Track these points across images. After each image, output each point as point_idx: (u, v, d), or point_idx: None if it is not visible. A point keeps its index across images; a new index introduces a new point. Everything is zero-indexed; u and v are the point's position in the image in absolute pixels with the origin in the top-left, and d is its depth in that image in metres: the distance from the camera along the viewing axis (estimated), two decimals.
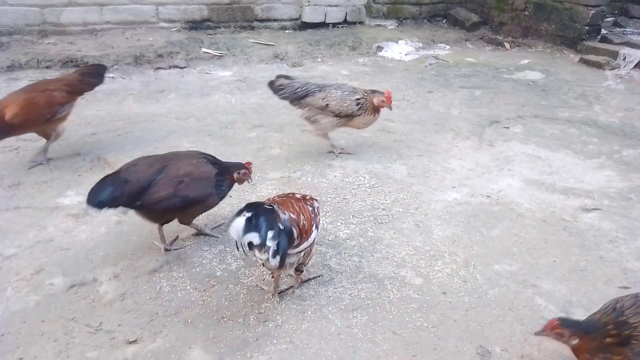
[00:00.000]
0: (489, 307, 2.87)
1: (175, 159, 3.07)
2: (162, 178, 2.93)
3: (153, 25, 7.94)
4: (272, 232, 2.32)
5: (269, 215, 2.37)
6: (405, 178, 4.27)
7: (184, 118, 5.30)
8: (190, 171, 3.00)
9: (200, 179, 3.02)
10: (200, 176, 3.02)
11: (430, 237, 3.49)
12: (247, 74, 6.83)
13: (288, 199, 2.70)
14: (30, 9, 7.12)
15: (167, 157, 3.11)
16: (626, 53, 7.62)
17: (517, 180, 4.30)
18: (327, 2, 8.82)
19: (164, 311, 2.75)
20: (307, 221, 2.60)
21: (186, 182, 2.96)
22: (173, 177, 2.95)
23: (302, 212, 2.60)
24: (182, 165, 3.02)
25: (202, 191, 3.03)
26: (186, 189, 2.95)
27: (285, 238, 2.40)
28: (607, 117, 5.82)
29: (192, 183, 2.98)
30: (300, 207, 2.62)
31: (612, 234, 3.60)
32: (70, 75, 4.39)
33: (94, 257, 3.14)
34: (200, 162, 3.09)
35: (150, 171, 2.95)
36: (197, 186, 3.00)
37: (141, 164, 3.01)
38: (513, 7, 9.37)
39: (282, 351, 2.52)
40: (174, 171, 2.97)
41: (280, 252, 2.36)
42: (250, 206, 2.37)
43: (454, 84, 6.77)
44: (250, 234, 2.28)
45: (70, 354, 2.46)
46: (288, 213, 2.51)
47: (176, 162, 3.04)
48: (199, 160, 3.10)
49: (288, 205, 2.59)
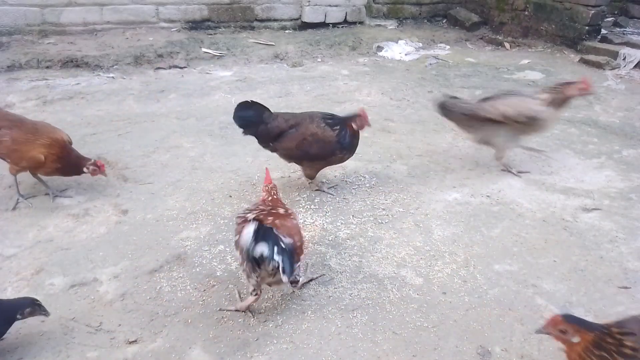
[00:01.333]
0: (489, 307, 2.87)
1: (309, 120, 3.68)
2: (292, 133, 3.63)
3: (153, 25, 7.93)
4: (277, 248, 2.36)
5: (271, 232, 2.41)
6: (405, 178, 4.27)
7: (184, 118, 5.30)
8: (315, 132, 3.62)
9: (322, 140, 3.61)
10: (322, 138, 3.61)
11: (430, 237, 3.48)
12: (247, 74, 6.83)
13: (280, 220, 2.62)
14: (30, 9, 7.12)
15: (302, 117, 3.74)
16: (626, 53, 7.61)
17: (518, 180, 4.30)
18: (327, 2, 8.82)
19: (164, 311, 2.75)
20: (300, 242, 2.63)
21: (309, 141, 3.61)
22: (300, 134, 3.61)
23: (295, 234, 2.61)
24: (311, 126, 3.63)
25: (322, 150, 3.64)
26: (309, 147, 3.62)
27: (287, 257, 2.40)
28: (608, 117, 5.82)
29: (314, 143, 3.61)
30: (292, 225, 2.64)
31: (612, 234, 3.60)
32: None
33: (94, 257, 3.14)
34: (326, 127, 3.63)
35: (285, 125, 3.65)
36: (318, 145, 3.62)
37: (280, 118, 3.70)
38: (513, 7, 9.37)
39: (282, 351, 2.52)
40: (302, 129, 3.62)
41: (287, 269, 2.37)
42: (258, 233, 2.38)
43: (454, 84, 6.77)
44: (261, 244, 2.34)
45: (70, 354, 2.46)
46: (287, 237, 2.51)
47: (308, 122, 3.65)
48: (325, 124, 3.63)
49: (283, 230, 2.55)
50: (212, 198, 3.84)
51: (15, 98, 5.44)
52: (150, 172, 4.17)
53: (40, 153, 3.40)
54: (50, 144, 3.45)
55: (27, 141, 3.41)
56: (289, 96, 6.10)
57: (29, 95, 5.57)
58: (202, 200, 3.80)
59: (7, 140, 3.40)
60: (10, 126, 3.46)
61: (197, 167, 4.30)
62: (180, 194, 3.88)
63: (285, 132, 3.66)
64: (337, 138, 3.63)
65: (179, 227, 3.48)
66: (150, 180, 4.04)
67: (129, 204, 3.71)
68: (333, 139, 3.63)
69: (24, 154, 3.41)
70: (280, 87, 6.36)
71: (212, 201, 3.80)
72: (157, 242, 3.31)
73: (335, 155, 3.72)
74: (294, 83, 6.52)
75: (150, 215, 3.60)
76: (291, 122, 3.68)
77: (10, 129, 3.44)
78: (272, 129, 3.68)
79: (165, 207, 3.71)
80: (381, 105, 5.91)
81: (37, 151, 3.40)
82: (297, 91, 6.28)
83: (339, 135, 3.64)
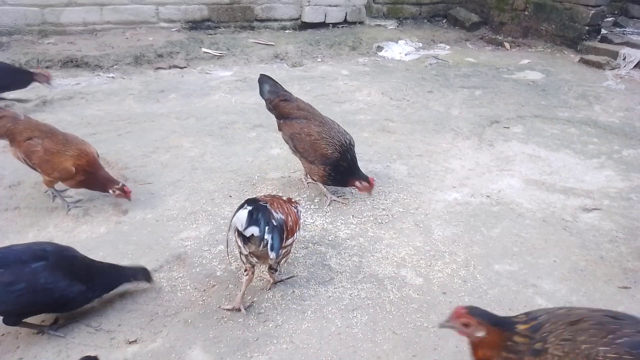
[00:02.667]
0: (489, 307, 2.85)
1: (319, 117, 3.76)
2: (299, 121, 3.72)
3: (153, 25, 7.93)
4: (268, 227, 2.45)
5: (265, 211, 2.51)
6: (405, 178, 4.27)
7: (184, 118, 5.30)
8: (312, 135, 3.63)
9: (314, 148, 3.63)
10: (315, 147, 3.62)
11: (430, 237, 3.48)
12: (247, 74, 6.82)
13: (276, 199, 2.77)
14: (30, 9, 7.12)
15: (318, 116, 3.79)
16: (626, 53, 7.61)
17: (518, 180, 4.30)
18: (327, 2, 8.82)
19: (164, 311, 2.75)
20: (293, 223, 2.72)
21: (300, 138, 3.67)
22: (299, 127, 3.70)
23: (290, 214, 2.72)
24: (314, 125, 3.67)
25: (307, 154, 3.67)
26: (298, 142, 3.69)
27: (277, 234, 2.50)
28: (607, 117, 5.82)
29: (304, 142, 3.66)
30: (288, 209, 2.73)
31: (612, 234, 3.60)
32: None
33: (94, 257, 3.13)
34: (331, 143, 3.62)
35: (297, 113, 3.75)
36: (303, 146, 3.67)
37: (300, 103, 3.83)
38: (513, 7, 9.37)
39: (282, 351, 2.52)
40: (305, 124, 3.69)
41: (276, 246, 2.47)
42: (250, 201, 2.54)
43: (454, 84, 6.77)
44: (252, 227, 2.43)
45: (70, 354, 2.46)
46: (279, 213, 2.62)
47: (315, 122, 3.70)
48: (335, 143, 3.62)
49: (277, 206, 2.67)
50: (212, 198, 3.84)
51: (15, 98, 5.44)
52: (150, 172, 4.17)
53: (72, 165, 3.40)
54: (79, 154, 3.45)
55: (58, 152, 3.41)
56: None
57: (28, 95, 5.56)
58: (202, 200, 3.80)
59: (40, 150, 3.40)
60: (42, 136, 3.46)
61: (197, 167, 4.30)
62: (180, 194, 3.88)
63: (293, 117, 3.73)
64: (329, 161, 3.60)
65: (179, 227, 3.48)
66: (150, 180, 4.04)
67: (128, 204, 3.70)
68: (327, 156, 3.59)
69: (55, 165, 3.40)
70: None
71: (212, 201, 3.80)
72: (157, 242, 3.31)
73: (315, 165, 3.67)
74: (294, 83, 6.51)
75: (150, 215, 3.60)
76: (303, 113, 3.73)
77: (42, 139, 3.44)
78: (281, 104, 3.81)
79: (165, 207, 3.71)
80: (381, 105, 5.91)
81: (68, 162, 3.39)
82: (297, 91, 6.27)
83: (333, 164, 3.60)
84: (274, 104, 3.84)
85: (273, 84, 3.91)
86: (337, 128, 3.72)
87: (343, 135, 3.69)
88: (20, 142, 3.44)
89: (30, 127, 3.50)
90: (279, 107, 3.81)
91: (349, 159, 3.65)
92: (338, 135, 3.64)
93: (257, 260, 2.66)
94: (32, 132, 3.46)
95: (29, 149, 3.41)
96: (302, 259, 3.20)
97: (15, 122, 3.49)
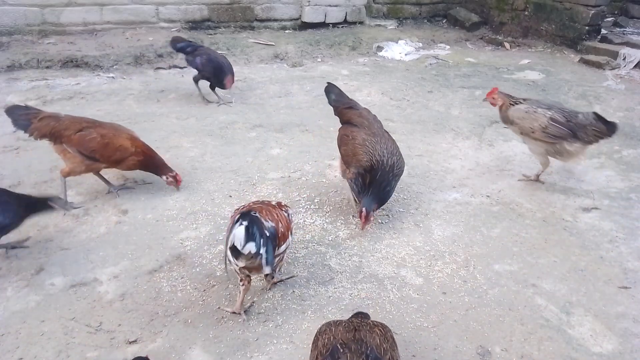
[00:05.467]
0: (489, 307, 2.86)
1: (375, 129, 3.67)
2: (352, 126, 3.73)
3: (153, 25, 7.93)
4: (262, 240, 2.39)
5: (258, 223, 2.42)
6: (405, 178, 4.26)
7: (184, 118, 5.30)
8: (357, 138, 3.58)
9: (353, 152, 3.56)
10: (355, 152, 3.55)
11: (430, 237, 3.48)
12: (247, 73, 6.82)
13: (265, 206, 2.70)
14: (30, 9, 7.12)
15: (373, 125, 3.72)
16: (626, 53, 7.61)
17: (517, 180, 4.30)
18: (327, 2, 8.82)
19: (164, 311, 2.75)
20: (285, 228, 2.65)
21: (345, 140, 3.67)
22: (349, 131, 3.70)
23: (280, 220, 2.64)
24: (363, 132, 3.62)
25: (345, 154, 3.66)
26: (341, 143, 3.74)
27: (270, 245, 2.45)
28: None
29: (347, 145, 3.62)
30: (277, 215, 2.66)
31: (612, 234, 3.60)
32: None
33: (93, 257, 3.14)
34: (370, 153, 3.48)
35: (357, 120, 3.74)
36: (345, 149, 3.67)
37: (362, 110, 3.86)
38: (513, 7, 9.37)
39: (282, 351, 2.52)
40: (354, 129, 3.68)
41: (270, 259, 2.42)
42: (244, 215, 2.42)
43: (454, 84, 6.77)
44: (249, 244, 2.35)
45: (70, 354, 2.46)
46: (269, 221, 2.54)
47: (362, 129, 3.65)
48: (373, 154, 3.47)
49: (266, 213, 2.59)
50: (212, 198, 3.84)
51: (15, 98, 5.44)
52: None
53: (130, 144, 3.62)
54: (132, 137, 3.69)
55: (114, 135, 3.60)
56: (289, 96, 6.10)
57: (28, 95, 5.57)
58: (202, 200, 3.80)
59: (97, 137, 3.54)
60: (92, 126, 3.60)
61: (197, 167, 4.30)
62: (180, 194, 3.88)
63: (352, 123, 3.75)
64: (359, 167, 3.47)
65: (179, 227, 3.48)
66: (150, 180, 4.04)
67: (128, 204, 3.71)
68: (360, 162, 3.45)
69: (115, 145, 3.56)
70: (280, 87, 6.36)
71: (212, 201, 3.80)
72: (157, 242, 3.31)
73: (348, 167, 3.59)
74: (293, 83, 6.51)
75: (150, 215, 3.60)
76: (361, 120, 3.74)
77: (94, 128, 3.59)
78: (344, 111, 3.90)
79: (165, 207, 3.71)
80: (381, 105, 5.90)
81: (127, 142, 3.61)
82: (297, 91, 6.28)
83: (360, 173, 3.47)
84: (338, 110, 3.96)
85: (338, 93, 4.08)
86: (388, 146, 3.49)
87: (389, 155, 3.44)
88: (71, 136, 3.51)
89: (76, 121, 3.63)
90: (342, 113, 3.92)
91: (375, 177, 3.39)
92: (382, 151, 3.45)
93: (249, 272, 2.61)
94: (79, 124, 3.58)
95: (84, 139, 3.51)
96: (302, 259, 3.20)
97: (57, 120, 3.58)
